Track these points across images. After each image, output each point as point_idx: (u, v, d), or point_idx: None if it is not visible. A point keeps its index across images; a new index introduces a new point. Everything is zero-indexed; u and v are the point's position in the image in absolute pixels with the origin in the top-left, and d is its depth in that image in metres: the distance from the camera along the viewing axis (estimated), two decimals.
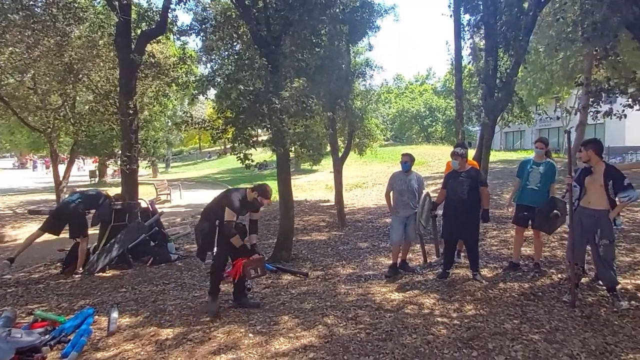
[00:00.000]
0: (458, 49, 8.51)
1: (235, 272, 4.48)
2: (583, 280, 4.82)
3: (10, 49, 9.31)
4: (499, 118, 8.29)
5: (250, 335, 3.90)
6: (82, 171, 32.86)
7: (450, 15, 8.50)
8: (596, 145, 4.29)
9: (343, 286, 5.32)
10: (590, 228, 4.29)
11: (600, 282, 4.61)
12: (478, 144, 8.59)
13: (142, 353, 3.62)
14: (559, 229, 5.65)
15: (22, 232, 10.15)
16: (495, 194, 11.13)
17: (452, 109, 30.89)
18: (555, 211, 5.00)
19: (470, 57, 8.59)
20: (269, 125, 6.23)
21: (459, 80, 8.67)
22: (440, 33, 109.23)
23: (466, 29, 8.45)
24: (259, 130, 6.53)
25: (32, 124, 12.09)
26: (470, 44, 8.53)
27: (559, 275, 5.23)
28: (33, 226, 10.34)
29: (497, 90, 7.86)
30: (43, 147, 16.94)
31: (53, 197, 13.00)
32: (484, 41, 8.40)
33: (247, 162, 6.46)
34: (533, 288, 4.87)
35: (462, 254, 5.97)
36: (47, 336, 3.76)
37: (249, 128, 6.52)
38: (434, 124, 40.03)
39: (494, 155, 21.87)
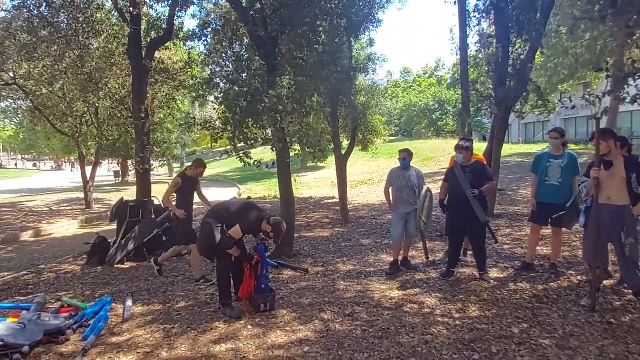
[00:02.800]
0: (463, 37, 8.03)
1: (244, 294, 4.39)
2: (606, 283, 4.40)
3: (42, 63, 10.36)
4: (512, 108, 7.79)
5: (250, 327, 3.99)
6: (110, 172, 35.53)
7: (455, 2, 8.05)
8: (615, 136, 3.96)
9: (342, 282, 5.23)
10: (613, 226, 3.87)
11: (626, 286, 4.17)
12: (490, 137, 8.11)
13: (151, 339, 3.85)
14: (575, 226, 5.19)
15: (56, 227, 10.97)
16: (510, 189, 10.60)
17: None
18: (580, 206, 4.54)
19: (479, 44, 8.10)
20: (266, 124, 6.24)
21: (464, 69, 8.19)
22: (449, 22, 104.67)
23: (473, 14, 7.99)
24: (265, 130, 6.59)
25: (62, 129, 13.49)
26: (478, 31, 8.03)
27: (578, 278, 4.78)
28: (64, 222, 11.45)
29: (509, 78, 7.40)
30: (74, 150, 18.51)
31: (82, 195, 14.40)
32: (493, 27, 7.93)
33: (245, 159, 6.51)
34: (547, 290, 4.48)
35: (469, 252, 5.62)
36: (71, 320, 4.18)
37: (247, 127, 6.59)
38: (444, 117, 38.09)
39: (511, 149, 20.96)
